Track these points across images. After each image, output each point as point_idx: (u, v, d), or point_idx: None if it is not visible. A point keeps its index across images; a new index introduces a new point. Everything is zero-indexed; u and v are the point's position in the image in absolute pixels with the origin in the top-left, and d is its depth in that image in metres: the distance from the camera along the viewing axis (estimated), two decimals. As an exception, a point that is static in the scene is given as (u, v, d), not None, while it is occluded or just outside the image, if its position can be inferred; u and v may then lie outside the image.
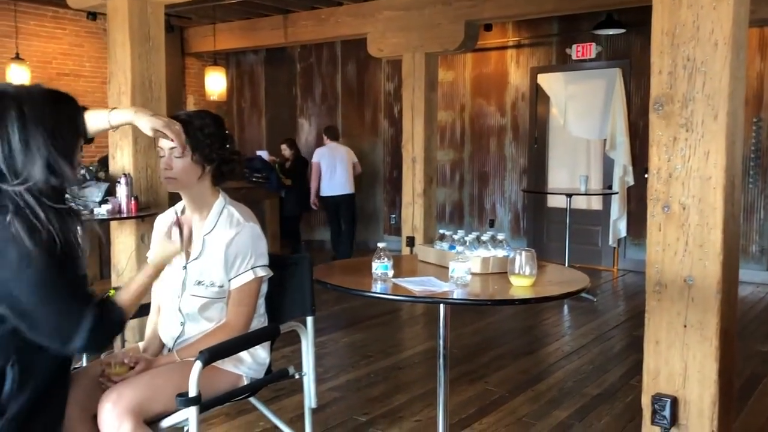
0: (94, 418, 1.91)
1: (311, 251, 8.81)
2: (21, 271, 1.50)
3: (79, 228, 1.61)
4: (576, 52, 7.82)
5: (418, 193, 7.06)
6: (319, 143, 9.58)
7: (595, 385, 4.12)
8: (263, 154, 8.52)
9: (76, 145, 1.69)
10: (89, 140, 1.83)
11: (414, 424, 3.51)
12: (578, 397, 3.90)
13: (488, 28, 7.71)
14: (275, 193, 8.20)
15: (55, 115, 1.63)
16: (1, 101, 1.57)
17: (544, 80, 8.12)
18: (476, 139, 8.70)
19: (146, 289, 1.89)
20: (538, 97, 8.22)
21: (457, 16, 6.67)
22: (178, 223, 2.06)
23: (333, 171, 8.05)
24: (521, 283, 2.13)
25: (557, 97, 8.06)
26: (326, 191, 8.10)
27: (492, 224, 8.44)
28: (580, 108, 7.89)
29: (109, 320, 1.67)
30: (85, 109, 1.87)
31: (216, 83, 8.60)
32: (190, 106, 9.11)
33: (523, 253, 2.12)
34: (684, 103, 2.41)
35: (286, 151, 8.38)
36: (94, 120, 1.82)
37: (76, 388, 1.91)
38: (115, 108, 1.96)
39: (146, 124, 1.95)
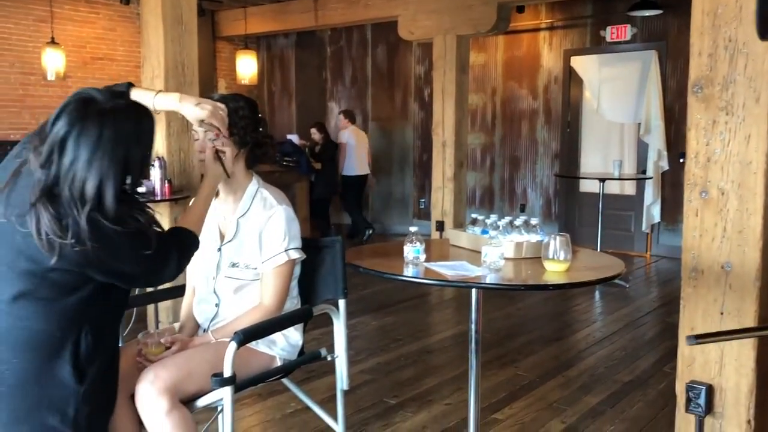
0: (132, 397, 1.94)
1: (340, 235, 8.85)
2: (124, 255, 1.63)
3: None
4: (610, 34, 7.68)
5: (448, 177, 7.03)
6: (349, 127, 9.60)
7: (627, 371, 4.08)
8: (293, 138, 8.56)
9: (145, 163, 1.73)
10: None
11: (444, 408, 3.52)
12: (610, 384, 3.88)
13: (521, 9, 7.61)
14: (305, 177, 8.24)
15: (131, 137, 1.65)
16: (87, 116, 1.59)
17: (578, 63, 8.00)
18: (507, 123, 8.62)
19: (206, 209, 2.02)
20: (571, 80, 8.10)
21: (489, -3, 6.60)
22: (217, 152, 2.10)
23: (359, 152, 8.20)
24: (555, 269, 2.11)
25: (591, 80, 7.94)
26: (354, 171, 8.23)
27: (523, 209, 8.37)
28: (614, 91, 7.76)
29: (188, 246, 1.86)
30: (131, 85, 1.92)
31: (247, 67, 8.64)
32: (222, 90, 9.17)
33: (558, 237, 2.09)
34: (724, 85, 2.35)
35: (315, 134, 8.40)
36: (138, 99, 1.86)
37: (114, 367, 1.94)
38: (160, 91, 1.99)
39: (193, 115, 1.99)
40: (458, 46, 6.95)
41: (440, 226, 6.93)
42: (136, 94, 1.90)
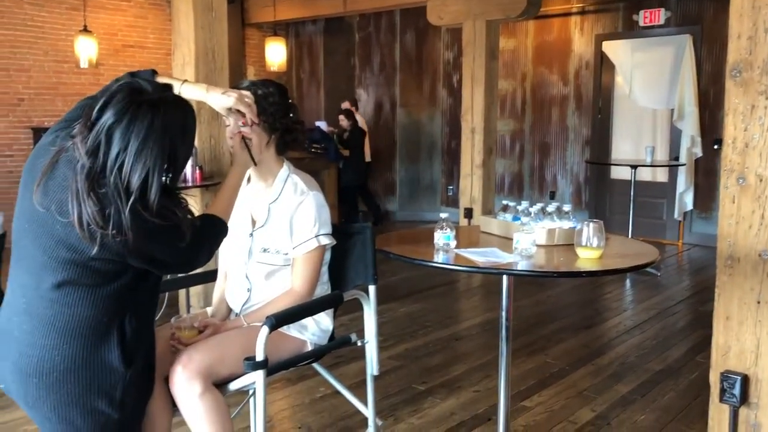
0: (166, 379, 1.97)
1: (365, 222, 8.86)
2: (161, 245, 1.65)
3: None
4: (643, 18, 7.53)
5: (476, 164, 6.98)
6: (378, 113, 9.59)
7: (658, 360, 4.04)
8: (322, 124, 8.58)
9: (188, 158, 1.76)
10: None
11: (472, 395, 3.52)
12: (640, 372, 3.84)
13: (552, -7, 7.50)
14: (333, 164, 8.26)
15: (178, 131, 1.66)
16: (137, 106, 1.59)
17: (610, 48, 7.87)
18: (537, 109, 8.53)
19: (234, 196, 2.03)
20: (602, 65, 7.98)
21: (520, -19, 6.51)
22: (244, 139, 2.11)
23: (366, 139, 8.54)
24: (588, 255, 2.08)
25: (623, 65, 7.80)
26: (368, 158, 8.55)
27: (553, 196, 8.30)
28: (647, 76, 7.62)
29: (217, 233, 1.88)
30: (155, 73, 1.92)
31: (276, 54, 8.65)
32: (251, 76, 9.20)
33: (591, 224, 2.07)
34: (764, 69, 2.29)
35: (343, 121, 8.41)
36: None
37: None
38: (186, 81, 1.99)
39: (219, 103, 2.00)
40: (488, 31, 6.88)
41: (468, 213, 6.90)
42: (162, 80, 1.89)
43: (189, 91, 1.97)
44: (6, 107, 7.18)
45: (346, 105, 8.62)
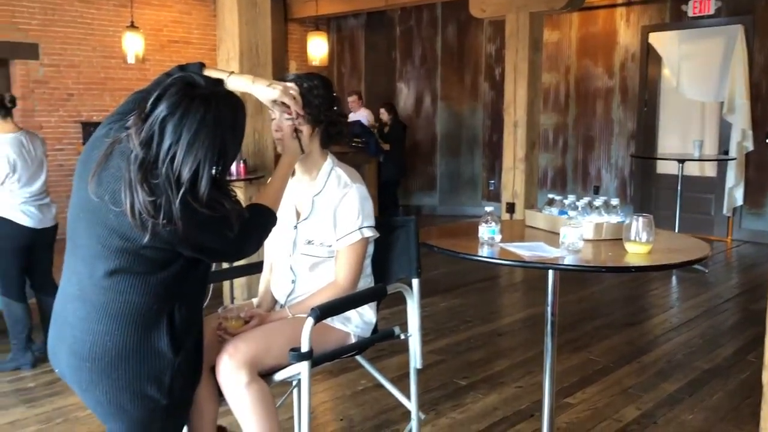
0: (213, 369, 2.00)
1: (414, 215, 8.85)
2: (210, 235, 1.68)
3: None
4: (692, 8, 7.34)
5: (519, 158, 6.91)
6: (419, 107, 9.56)
7: (706, 359, 3.95)
8: (363, 118, 8.58)
9: (238, 152, 1.79)
10: None
11: (515, 390, 3.49)
12: (688, 371, 3.76)
13: (597, -16, 7.37)
14: (374, 158, 8.26)
15: (229, 125, 1.69)
16: (190, 99, 1.62)
17: (657, 39, 7.70)
18: (581, 103, 8.39)
19: (283, 186, 2.04)
20: (649, 57, 7.81)
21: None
22: (295, 129, 2.13)
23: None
24: (637, 250, 2.04)
25: (670, 57, 7.62)
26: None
27: (597, 191, 8.17)
28: (696, 69, 7.43)
29: (265, 222, 1.89)
30: (203, 65, 1.94)
31: (318, 48, 8.69)
32: (293, 71, 9.24)
33: (640, 219, 2.03)
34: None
35: (384, 115, 8.40)
36: None
37: (196, 339, 2.00)
38: (233, 72, 2.02)
39: (264, 95, 2.02)
40: (531, 23, 6.79)
41: (510, 207, 6.84)
42: (208, 73, 1.91)
43: (235, 82, 2.00)
44: (57, 102, 7.38)
45: (353, 98, 8.57)
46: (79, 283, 1.71)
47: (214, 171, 1.65)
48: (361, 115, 8.55)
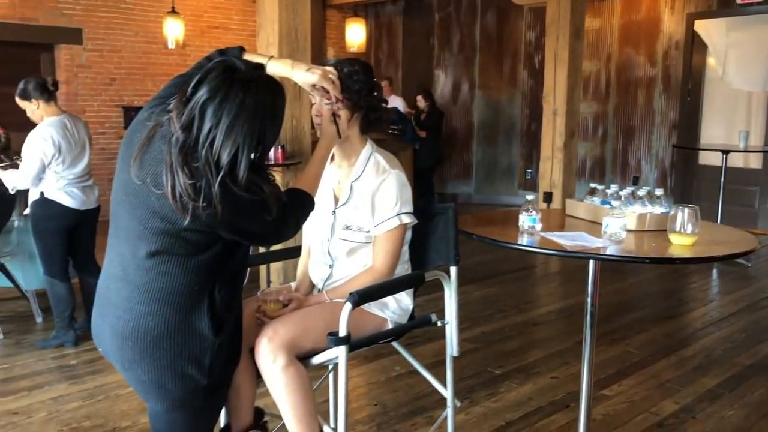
0: (251, 351, 2.02)
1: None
2: (249, 218, 1.69)
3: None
4: (742, -5, 7.14)
5: (558, 147, 6.83)
6: (456, 95, 9.49)
7: (748, 354, 3.86)
8: (399, 105, 8.55)
9: (277, 136, 1.78)
10: None
11: (550, 381, 3.47)
12: (728, 366, 3.68)
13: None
14: (410, 145, 8.23)
15: (269, 109, 1.69)
16: (230, 83, 1.63)
17: (702, 27, 7.50)
18: (622, 91, 8.24)
19: (321, 170, 2.04)
20: (693, 45, 7.61)
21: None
22: (334, 114, 2.12)
23: None
24: (682, 242, 2.00)
25: (716, 45, 7.43)
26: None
27: (636, 181, 8.03)
28: (743, 57, 7.23)
29: (304, 206, 1.91)
30: (243, 49, 1.95)
31: (356, 35, 8.68)
32: (330, 57, 9.27)
33: (686, 209, 1.98)
34: None
35: (421, 102, 8.36)
36: None
37: (235, 322, 2.03)
38: (272, 57, 2.02)
39: (304, 80, 2.02)
40: (572, 10, 6.68)
41: (548, 197, 6.77)
42: (249, 59, 1.90)
43: (275, 67, 2.00)
44: (99, 86, 7.51)
45: (384, 83, 8.50)
46: (122, 264, 1.73)
47: (252, 155, 1.66)
48: (395, 101, 8.52)
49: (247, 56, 1.93)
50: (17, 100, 3.77)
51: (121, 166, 1.74)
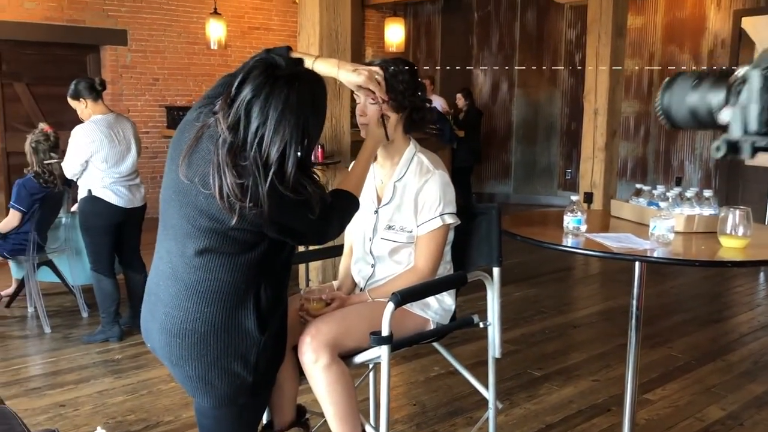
0: (295, 348, 2.04)
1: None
2: (294, 217, 1.70)
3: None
4: (792, -10, 6.94)
5: (599, 146, 6.73)
6: (495, 94, 9.43)
7: (797, 361, 3.76)
8: (438, 104, 8.52)
9: (319, 134, 1.79)
10: None
11: (591, 384, 3.42)
12: (777, 373, 3.59)
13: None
14: (448, 145, 8.20)
15: (311, 104, 1.70)
16: (273, 81, 1.64)
17: (750, 24, 7.31)
18: (665, 90, 8.07)
19: (366, 171, 2.06)
20: (741, 43, 7.43)
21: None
22: (382, 116, 2.13)
23: None
24: (733, 245, 1.95)
25: (765, 42, 7.23)
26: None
27: (679, 182, 7.83)
28: (793, 55, 7.02)
29: (348, 207, 1.93)
30: (290, 48, 1.96)
31: (395, 34, 8.68)
32: (368, 57, 9.29)
33: (737, 211, 1.94)
34: None
35: (460, 101, 8.32)
36: None
37: (279, 320, 2.05)
38: (319, 57, 2.03)
39: (350, 80, 2.02)
40: (615, 7, 6.58)
41: (588, 197, 6.68)
42: (296, 56, 1.92)
43: (321, 67, 2.00)
44: (143, 86, 7.65)
45: (427, 82, 8.45)
46: (170, 262, 1.76)
47: (299, 152, 1.66)
48: (436, 101, 8.48)
49: (294, 55, 1.93)
50: (69, 99, 3.87)
51: (170, 166, 1.76)
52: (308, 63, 1.97)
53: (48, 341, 4.01)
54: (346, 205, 1.92)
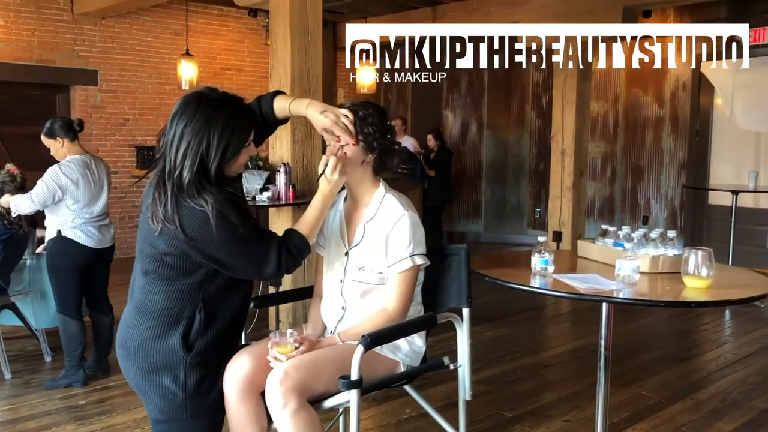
0: (263, 394, 2.01)
1: (453, 243, 8.80)
2: (209, 237, 1.84)
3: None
4: (749, 37, 7.19)
5: (566, 186, 6.85)
6: (464, 135, 9.55)
7: (764, 398, 3.80)
8: (409, 145, 8.61)
9: (230, 150, 1.91)
10: (283, 121, 2.17)
11: (563, 425, 3.41)
12: (745, 410, 3.62)
13: (647, 14, 7.30)
14: (419, 184, 8.26)
15: (225, 122, 1.89)
16: (186, 106, 1.90)
17: (709, 70, 7.55)
18: (630, 131, 8.29)
19: (322, 214, 2.12)
20: (701, 87, 7.67)
21: (614, 1, 6.38)
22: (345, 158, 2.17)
23: None
24: (696, 285, 1.99)
25: (723, 87, 7.48)
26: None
27: (646, 221, 8.02)
28: (751, 98, 7.27)
29: (293, 246, 1.99)
30: (281, 93, 2.16)
31: (366, 76, 8.77)
32: (340, 99, 9.39)
33: (700, 252, 1.98)
34: None
35: (431, 141, 8.41)
36: (278, 105, 2.12)
37: (246, 363, 2.02)
38: (296, 98, 2.11)
39: (317, 122, 2.12)
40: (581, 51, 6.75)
41: (557, 236, 6.76)
42: (279, 100, 2.14)
43: (295, 106, 2.16)
44: (113, 126, 7.62)
45: (397, 123, 8.55)
46: (132, 286, 2.01)
47: (202, 166, 1.84)
48: (407, 141, 8.57)
49: (279, 97, 2.14)
50: (43, 138, 3.83)
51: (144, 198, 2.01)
52: (287, 102, 2.13)
53: (8, 387, 3.88)
54: (290, 245, 1.99)
